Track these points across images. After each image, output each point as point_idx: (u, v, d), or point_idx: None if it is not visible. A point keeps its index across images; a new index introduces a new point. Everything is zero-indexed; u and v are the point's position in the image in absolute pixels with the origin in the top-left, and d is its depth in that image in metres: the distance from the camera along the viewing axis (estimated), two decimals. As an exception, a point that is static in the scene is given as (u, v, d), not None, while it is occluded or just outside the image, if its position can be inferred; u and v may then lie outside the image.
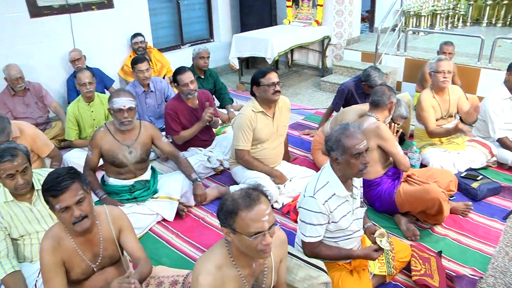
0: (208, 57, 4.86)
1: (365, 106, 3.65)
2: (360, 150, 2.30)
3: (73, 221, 1.95)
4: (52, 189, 1.91)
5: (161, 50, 6.32)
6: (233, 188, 3.54)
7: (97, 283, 2.19)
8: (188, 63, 4.79)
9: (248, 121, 3.39)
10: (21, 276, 2.55)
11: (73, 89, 5.22)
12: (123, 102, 3.13)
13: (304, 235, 2.40)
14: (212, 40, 7.44)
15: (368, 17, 8.66)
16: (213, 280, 1.78)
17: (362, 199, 2.58)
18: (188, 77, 3.77)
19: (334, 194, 2.36)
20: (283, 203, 3.53)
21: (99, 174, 3.45)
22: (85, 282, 2.16)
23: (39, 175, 2.71)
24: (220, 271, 1.81)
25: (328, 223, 2.39)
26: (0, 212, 2.56)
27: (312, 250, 2.42)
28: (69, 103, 5.31)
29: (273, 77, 3.33)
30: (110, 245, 2.19)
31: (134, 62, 4.43)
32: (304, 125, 5.26)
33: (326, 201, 2.34)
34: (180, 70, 3.80)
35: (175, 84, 3.84)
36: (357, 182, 2.54)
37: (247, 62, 7.65)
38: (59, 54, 5.41)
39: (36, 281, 2.60)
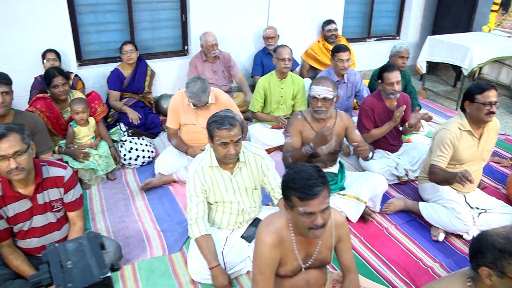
0: (408, 57, 4.54)
1: None
2: None
3: (310, 227, 1.85)
4: (302, 191, 1.79)
5: (347, 40, 6.12)
6: (422, 205, 3.25)
7: (299, 282, 2.13)
8: (372, 58, 4.51)
9: (451, 138, 3.06)
10: (212, 240, 2.63)
11: (259, 65, 5.34)
12: (319, 91, 3.03)
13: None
14: (398, 37, 7.02)
15: None
16: None
17: None
18: (395, 76, 3.54)
19: None
20: (473, 236, 3.15)
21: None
22: (289, 279, 2.11)
23: (244, 147, 2.74)
24: None
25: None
26: (204, 175, 2.64)
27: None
28: (252, 77, 5.48)
29: (491, 95, 2.96)
30: (325, 249, 2.10)
31: (336, 50, 4.31)
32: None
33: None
34: (388, 68, 3.59)
35: (379, 80, 3.64)
36: None
37: (428, 67, 7.10)
38: (252, 29, 5.55)
39: (223, 248, 2.68)
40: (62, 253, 0.92)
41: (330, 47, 5.57)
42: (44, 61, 4.38)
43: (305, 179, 1.80)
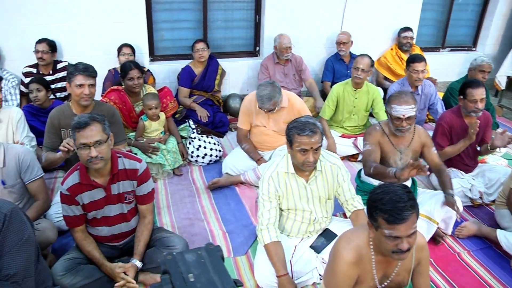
0: (489, 72, 4.28)
1: None
2: None
3: (395, 250, 1.80)
4: (390, 214, 1.74)
5: (421, 49, 5.87)
6: (501, 233, 3.03)
7: None
8: (444, 69, 4.24)
9: None
10: (282, 247, 2.60)
11: (330, 70, 5.27)
12: (404, 111, 2.86)
13: None
14: (474, 49, 6.61)
15: None
16: None
17: None
18: (480, 93, 3.32)
19: None
20: None
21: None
22: None
23: (322, 156, 2.68)
24: None
25: None
26: (279, 181, 2.62)
27: None
28: (321, 82, 5.40)
29: None
30: (403, 272, 2.03)
31: (412, 60, 4.15)
32: None
33: None
34: (472, 83, 3.37)
35: (460, 96, 3.45)
36: None
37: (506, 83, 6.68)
38: (325, 33, 5.49)
39: (292, 257, 2.65)
40: (181, 264, 0.90)
41: (404, 55, 5.39)
42: (120, 55, 4.52)
43: (394, 201, 1.74)
